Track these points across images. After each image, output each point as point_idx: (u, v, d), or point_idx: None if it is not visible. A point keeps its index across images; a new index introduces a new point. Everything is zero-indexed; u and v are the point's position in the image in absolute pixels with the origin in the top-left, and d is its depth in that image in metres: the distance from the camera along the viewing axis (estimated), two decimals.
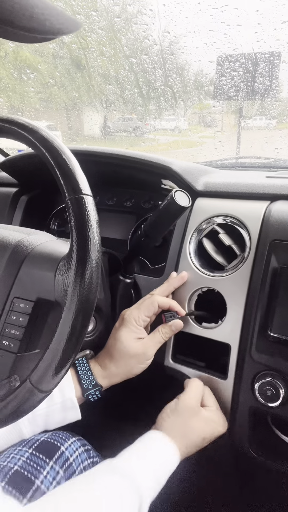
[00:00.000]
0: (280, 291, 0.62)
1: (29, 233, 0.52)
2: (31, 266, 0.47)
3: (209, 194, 0.78)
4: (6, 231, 0.52)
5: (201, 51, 1.27)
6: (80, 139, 2.43)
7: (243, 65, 1.15)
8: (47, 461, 0.57)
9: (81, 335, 0.41)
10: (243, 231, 0.70)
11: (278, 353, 0.61)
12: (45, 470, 0.56)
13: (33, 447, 0.59)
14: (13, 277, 0.47)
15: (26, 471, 0.55)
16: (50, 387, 0.41)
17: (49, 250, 0.48)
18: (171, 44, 1.40)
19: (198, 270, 0.71)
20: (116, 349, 0.64)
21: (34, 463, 0.56)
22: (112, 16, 1.46)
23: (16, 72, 2.41)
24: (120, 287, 0.75)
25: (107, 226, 0.94)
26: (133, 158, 0.80)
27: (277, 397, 0.60)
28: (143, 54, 1.48)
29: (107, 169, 0.87)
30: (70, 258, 0.41)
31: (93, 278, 0.41)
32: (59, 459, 0.59)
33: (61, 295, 0.42)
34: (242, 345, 0.65)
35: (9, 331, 0.46)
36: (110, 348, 0.66)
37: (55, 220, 1.02)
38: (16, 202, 0.96)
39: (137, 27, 1.46)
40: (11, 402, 0.41)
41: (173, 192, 0.63)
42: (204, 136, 1.89)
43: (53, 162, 0.43)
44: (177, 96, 1.56)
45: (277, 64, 1.13)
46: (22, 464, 0.56)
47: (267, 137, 1.40)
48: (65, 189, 0.42)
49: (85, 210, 0.42)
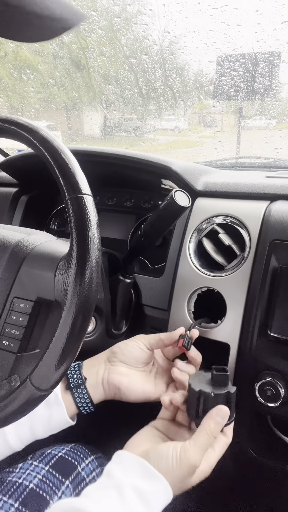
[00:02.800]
0: (280, 291, 0.62)
1: (28, 233, 0.52)
2: (31, 266, 0.47)
3: (209, 194, 0.78)
4: (6, 231, 0.52)
5: (201, 51, 1.27)
6: (80, 139, 2.43)
7: (243, 65, 1.15)
8: (63, 480, 0.56)
9: (81, 334, 0.41)
10: (243, 231, 0.70)
11: (278, 353, 0.61)
12: (60, 490, 0.55)
13: (50, 464, 0.58)
14: (13, 277, 0.47)
15: (42, 490, 0.54)
16: (50, 387, 0.41)
17: (49, 250, 0.48)
18: (171, 44, 1.40)
19: (198, 270, 0.71)
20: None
21: (50, 482, 0.55)
22: (112, 16, 1.46)
23: (16, 72, 2.41)
24: (120, 287, 0.75)
25: (107, 226, 0.94)
26: (133, 158, 0.80)
27: (277, 397, 0.60)
28: (143, 54, 1.48)
29: (107, 169, 0.87)
30: (70, 258, 0.41)
31: (93, 277, 0.41)
32: (75, 479, 0.57)
33: (61, 294, 0.42)
34: (242, 345, 0.65)
35: (9, 331, 0.46)
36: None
37: (55, 220, 1.02)
38: (16, 202, 0.96)
39: (137, 27, 1.46)
40: (11, 402, 0.41)
41: (173, 192, 0.63)
42: (204, 136, 1.89)
43: (53, 162, 0.43)
44: (177, 96, 1.56)
45: (277, 64, 1.13)
46: (37, 482, 0.55)
47: (267, 137, 1.40)
48: (65, 189, 0.42)
49: (85, 210, 0.42)
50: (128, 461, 0.48)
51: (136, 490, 0.44)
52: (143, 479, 0.45)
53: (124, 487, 0.44)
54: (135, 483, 0.45)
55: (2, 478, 0.56)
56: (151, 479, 0.45)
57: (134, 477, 0.45)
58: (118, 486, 0.44)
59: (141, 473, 0.46)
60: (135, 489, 0.44)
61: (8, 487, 0.54)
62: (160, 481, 0.45)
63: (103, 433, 0.71)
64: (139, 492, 0.44)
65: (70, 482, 0.57)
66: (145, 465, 0.46)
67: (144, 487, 0.44)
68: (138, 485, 0.44)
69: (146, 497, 0.44)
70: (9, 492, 0.53)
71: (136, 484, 0.44)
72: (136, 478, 0.45)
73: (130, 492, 0.44)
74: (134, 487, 0.44)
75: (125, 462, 0.48)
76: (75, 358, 0.42)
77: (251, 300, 0.65)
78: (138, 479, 0.45)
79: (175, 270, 0.74)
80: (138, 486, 0.44)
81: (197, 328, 0.69)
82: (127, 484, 0.44)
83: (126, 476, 0.46)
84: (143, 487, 0.44)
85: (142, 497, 0.44)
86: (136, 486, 0.44)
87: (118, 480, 0.45)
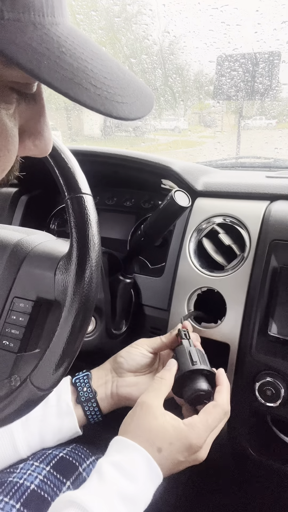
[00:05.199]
0: (280, 291, 0.62)
1: (28, 233, 0.52)
2: (31, 265, 0.47)
3: (209, 194, 0.78)
4: (6, 231, 0.52)
5: (201, 51, 1.27)
6: (80, 139, 2.43)
7: (243, 65, 1.15)
8: (64, 481, 0.57)
9: (81, 334, 0.41)
10: (243, 231, 0.70)
11: (278, 353, 0.61)
12: (61, 491, 0.55)
13: (51, 464, 0.58)
14: (13, 276, 0.47)
15: (43, 491, 0.54)
16: (50, 387, 0.41)
17: (49, 250, 0.48)
18: (171, 44, 1.40)
19: (198, 270, 0.71)
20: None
21: (51, 483, 0.55)
22: (112, 16, 1.46)
23: None
24: (120, 287, 0.75)
25: (107, 226, 0.94)
26: (133, 158, 0.80)
27: (277, 397, 0.60)
28: (143, 54, 1.48)
29: (107, 169, 0.87)
30: (70, 257, 0.41)
31: (93, 277, 0.41)
32: (76, 480, 0.58)
33: (61, 294, 0.43)
34: (242, 345, 0.65)
35: (9, 331, 0.46)
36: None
37: (55, 220, 1.02)
38: (16, 202, 0.96)
39: (137, 27, 1.46)
40: (12, 401, 0.41)
41: (173, 192, 0.63)
42: (204, 136, 1.88)
43: (53, 162, 0.44)
44: (177, 96, 1.56)
45: (277, 64, 1.13)
46: (39, 483, 0.55)
47: (267, 137, 1.39)
48: (65, 189, 0.42)
49: (85, 209, 0.42)
50: (110, 445, 0.50)
51: (112, 464, 0.46)
52: (118, 452, 0.48)
53: (103, 466, 0.46)
54: (111, 459, 0.47)
55: (3, 478, 0.56)
56: (125, 448, 0.48)
57: (111, 455, 0.48)
58: (98, 468, 0.47)
59: (116, 448, 0.49)
60: (111, 463, 0.46)
61: (9, 488, 0.54)
62: (134, 448, 0.47)
63: (104, 433, 0.71)
64: (115, 464, 0.46)
65: (71, 483, 0.57)
66: (119, 439, 0.49)
67: (119, 458, 0.47)
68: (113, 459, 0.47)
69: (122, 467, 0.46)
70: (10, 493, 0.53)
71: (112, 459, 0.47)
72: (112, 454, 0.48)
73: (107, 467, 0.46)
74: (110, 462, 0.47)
75: (108, 447, 0.50)
76: (75, 358, 0.42)
77: (251, 300, 0.65)
78: (114, 454, 0.48)
79: (175, 270, 0.74)
80: (114, 460, 0.47)
81: (197, 328, 0.69)
82: (105, 462, 0.47)
83: (105, 456, 0.48)
84: (118, 458, 0.47)
85: (119, 467, 0.46)
86: (112, 460, 0.47)
87: (99, 464, 0.47)
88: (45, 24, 0.22)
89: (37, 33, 0.21)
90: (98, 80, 0.24)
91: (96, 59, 0.25)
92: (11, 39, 0.20)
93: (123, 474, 0.45)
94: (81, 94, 0.22)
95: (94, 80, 0.23)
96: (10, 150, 0.28)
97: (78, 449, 0.63)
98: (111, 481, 0.45)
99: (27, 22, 0.21)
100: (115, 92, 0.25)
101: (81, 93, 0.22)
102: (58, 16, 0.23)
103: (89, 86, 0.23)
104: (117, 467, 0.46)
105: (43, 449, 0.62)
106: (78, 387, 0.60)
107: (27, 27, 0.21)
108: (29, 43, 0.21)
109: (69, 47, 0.23)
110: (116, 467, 0.46)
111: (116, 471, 0.46)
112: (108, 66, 0.25)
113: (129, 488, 0.45)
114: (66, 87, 0.22)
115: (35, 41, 0.21)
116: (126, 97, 0.25)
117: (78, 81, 0.22)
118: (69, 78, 0.22)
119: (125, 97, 0.25)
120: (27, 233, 0.52)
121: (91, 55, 0.25)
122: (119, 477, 0.45)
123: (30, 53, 0.21)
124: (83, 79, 0.23)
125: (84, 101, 0.22)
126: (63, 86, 0.22)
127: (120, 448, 0.48)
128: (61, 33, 0.23)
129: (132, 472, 0.46)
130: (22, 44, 0.20)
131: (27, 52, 0.20)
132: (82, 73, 0.23)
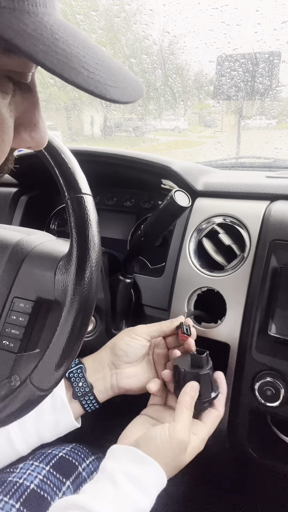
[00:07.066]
0: (280, 291, 0.62)
1: (28, 233, 0.52)
2: (31, 265, 0.47)
3: (209, 194, 0.78)
4: (6, 231, 0.52)
5: (201, 51, 1.27)
6: (80, 139, 2.43)
7: (243, 65, 1.15)
8: (63, 481, 0.57)
9: (81, 334, 0.41)
10: (243, 231, 0.70)
11: (278, 353, 0.61)
12: (61, 491, 0.55)
13: (51, 464, 0.58)
14: (13, 276, 0.47)
15: (43, 490, 0.54)
16: (50, 387, 0.41)
17: (49, 250, 0.47)
18: (170, 44, 1.40)
19: (198, 270, 0.71)
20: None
21: (51, 483, 0.55)
22: (112, 16, 1.46)
23: None
24: (120, 287, 0.75)
25: (107, 226, 0.94)
26: (133, 158, 0.80)
27: (277, 397, 0.60)
28: (143, 54, 1.48)
29: (107, 169, 0.87)
30: (70, 257, 0.41)
31: (93, 277, 0.41)
32: (76, 480, 0.58)
33: (61, 294, 0.42)
34: (242, 345, 0.65)
35: (9, 331, 0.46)
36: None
37: (55, 220, 1.02)
38: (16, 202, 0.96)
39: (136, 27, 1.46)
40: (12, 402, 0.41)
41: (173, 192, 0.63)
42: (204, 136, 1.88)
43: (53, 162, 0.44)
44: (177, 96, 1.56)
45: (277, 64, 1.13)
46: (38, 483, 0.55)
47: (267, 137, 1.39)
48: (65, 189, 0.42)
49: (85, 209, 0.42)
50: (118, 452, 0.50)
51: (127, 476, 0.46)
52: (133, 464, 0.47)
53: (116, 475, 0.46)
54: (126, 469, 0.46)
55: (3, 478, 0.56)
56: (141, 463, 0.47)
57: (124, 465, 0.47)
58: (111, 475, 0.46)
59: (131, 459, 0.48)
60: (127, 475, 0.46)
61: (9, 488, 0.54)
62: (150, 463, 0.47)
63: (104, 433, 0.71)
64: (131, 476, 0.46)
65: (71, 482, 0.57)
66: (134, 451, 0.48)
67: (135, 472, 0.46)
68: (129, 470, 0.46)
69: (138, 480, 0.45)
70: (10, 493, 0.53)
71: (127, 470, 0.46)
72: (127, 465, 0.47)
73: (122, 478, 0.45)
74: (125, 473, 0.46)
75: (116, 453, 0.50)
76: (75, 358, 0.42)
77: (251, 300, 0.65)
78: (128, 465, 0.47)
79: (175, 270, 0.74)
80: (129, 472, 0.46)
81: (197, 328, 0.69)
82: (118, 471, 0.46)
83: (117, 465, 0.47)
84: (134, 471, 0.46)
85: (135, 481, 0.45)
86: (127, 471, 0.46)
87: (110, 471, 0.47)
88: (38, 13, 0.23)
89: (31, 20, 0.23)
90: (90, 65, 0.25)
91: (87, 47, 0.26)
92: (8, 24, 0.21)
93: (139, 487, 0.45)
94: (76, 76, 0.23)
95: (87, 65, 0.25)
96: (4, 140, 0.29)
97: (78, 448, 0.63)
98: (126, 494, 0.44)
99: (22, 11, 0.22)
100: (107, 77, 0.26)
101: (75, 76, 0.23)
102: (50, 7, 0.25)
103: (82, 70, 0.24)
104: (132, 480, 0.46)
105: (43, 449, 0.62)
106: (73, 382, 0.59)
107: (22, 14, 0.22)
108: (25, 29, 0.22)
109: (62, 35, 0.24)
110: (131, 479, 0.46)
111: (130, 483, 0.45)
112: (99, 55, 0.27)
113: (144, 502, 0.45)
114: (61, 69, 0.23)
115: (30, 28, 0.22)
116: (117, 82, 0.27)
117: (72, 65, 0.23)
118: (63, 61, 0.23)
119: (117, 82, 0.26)
120: (27, 233, 0.52)
121: (82, 43, 0.26)
122: (135, 490, 0.45)
123: (26, 37, 0.22)
124: (76, 63, 0.24)
125: (79, 82, 0.23)
126: (58, 68, 0.23)
127: (133, 459, 0.48)
128: (53, 22, 0.24)
129: (147, 486, 0.46)
130: (18, 29, 0.22)
131: (23, 37, 0.22)
132: (75, 58, 0.24)
